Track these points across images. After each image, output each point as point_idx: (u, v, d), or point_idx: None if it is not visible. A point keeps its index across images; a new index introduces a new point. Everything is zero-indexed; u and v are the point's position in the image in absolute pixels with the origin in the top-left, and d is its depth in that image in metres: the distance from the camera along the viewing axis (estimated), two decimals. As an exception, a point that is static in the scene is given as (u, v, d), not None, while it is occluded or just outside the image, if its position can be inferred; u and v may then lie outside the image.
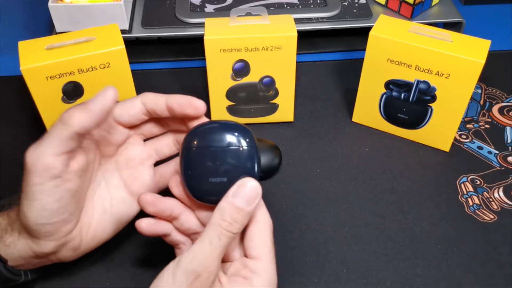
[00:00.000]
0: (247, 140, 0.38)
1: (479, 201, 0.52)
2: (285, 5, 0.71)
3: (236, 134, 0.38)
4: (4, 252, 0.39)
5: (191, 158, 0.38)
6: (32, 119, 0.59)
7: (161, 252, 0.48)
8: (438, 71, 0.51)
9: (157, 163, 0.45)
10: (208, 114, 0.60)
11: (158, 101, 0.40)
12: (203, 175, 0.38)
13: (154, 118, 0.43)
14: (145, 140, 0.45)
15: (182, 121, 0.42)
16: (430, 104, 0.54)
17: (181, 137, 0.43)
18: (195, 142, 0.38)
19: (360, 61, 0.55)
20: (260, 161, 0.39)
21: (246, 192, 0.36)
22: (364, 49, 0.54)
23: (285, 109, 0.59)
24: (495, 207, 0.52)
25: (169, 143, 0.45)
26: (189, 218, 0.41)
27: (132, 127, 0.43)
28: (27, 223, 0.38)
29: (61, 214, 0.38)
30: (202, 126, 0.39)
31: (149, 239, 0.46)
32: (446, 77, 0.51)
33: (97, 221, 0.42)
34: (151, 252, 0.48)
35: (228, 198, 0.36)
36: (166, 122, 0.44)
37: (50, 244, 0.39)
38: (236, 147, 0.38)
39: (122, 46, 0.51)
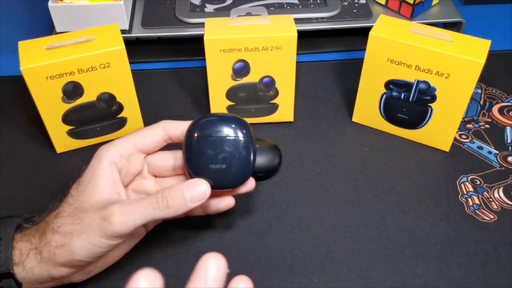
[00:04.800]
0: (244, 131, 0.42)
1: (479, 201, 0.52)
2: (285, 5, 0.71)
3: (233, 125, 0.42)
4: (20, 276, 0.39)
5: (193, 147, 0.41)
6: (32, 119, 0.59)
7: (161, 252, 0.48)
8: (438, 71, 0.51)
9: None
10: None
11: (181, 127, 0.43)
12: (204, 162, 0.41)
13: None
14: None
15: None
16: (430, 104, 0.54)
17: None
18: (196, 133, 0.41)
19: (360, 61, 0.55)
20: (256, 150, 0.42)
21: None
22: (364, 49, 0.54)
23: (285, 109, 0.59)
24: (495, 207, 0.52)
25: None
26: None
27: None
28: (67, 257, 0.38)
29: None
30: (203, 118, 0.42)
31: (149, 240, 0.46)
32: (446, 77, 0.51)
33: (114, 250, 0.43)
34: (151, 252, 0.48)
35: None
36: None
37: (70, 270, 0.39)
38: (234, 137, 0.41)
39: (122, 46, 0.51)
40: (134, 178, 0.45)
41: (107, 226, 0.37)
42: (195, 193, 0.39)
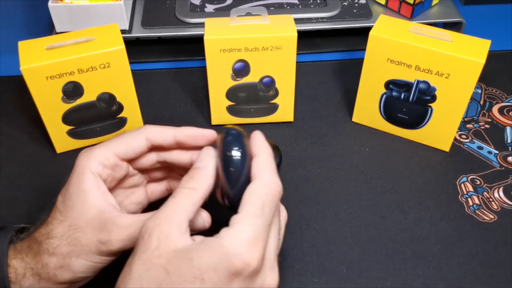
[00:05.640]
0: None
1: (479, 201, 0.52)
2: (285, 5, 0.71)
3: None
4: None
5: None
6: (32, 119, 0.59)
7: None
8: (438, 71, 0.51)
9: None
10: (208, 114, 0.60)
11: (164, 135, 0.41)
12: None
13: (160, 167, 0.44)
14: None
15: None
16: (430, 104, 0.54)
17: (175, 184, 0.45)
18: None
19: (360, 61, 0.55)
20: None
21: (201, 153, 0.38)
22: (364, 49, 0.53)
23: (285, 109, 0.59)
24: (495, 207, 0.52)
25: (162, 190, 0.46)
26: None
27: (142, 171, 0.44)
28: (68, 277, 0.37)
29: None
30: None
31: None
32: (446, 77, 0.51)
33: None
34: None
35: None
36: (171, 168, 0.44)
37: (71, 285, 0.39)
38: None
39: (122, 46, 0.51)
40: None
41: (106, 248, 0.37)
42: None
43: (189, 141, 0.41)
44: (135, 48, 0.70)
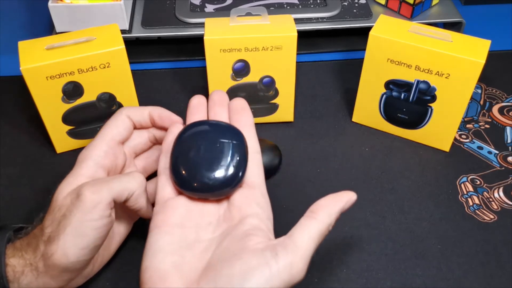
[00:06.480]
0: None
1: (479, 201, 0.52)
2: (285, 5, 0.71)
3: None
4: None
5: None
6: (32, 119, 0.59)
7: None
8: (438, 71, 0.51)
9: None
10: (208, 114, 0.60)
11: (141, 111, 0.45)
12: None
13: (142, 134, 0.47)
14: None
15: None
16: (430, 104, 0.54)
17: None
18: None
19: (360, 61, 0.55)
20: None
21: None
22: (364, 49, 0.54)
23: (285, 109, 0.59)
24: (495, 207, 0.52)
25: (156, 159, 0.47)
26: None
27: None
28: (63, 261, 0.37)
29: (98, 250, 0.39)
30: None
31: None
32: (446, 77, 0.51)
33: (104, 246, 0.42)
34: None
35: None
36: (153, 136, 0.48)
37: (68, 277, 0.39)
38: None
39: (122, 46, 0.51)
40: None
41: (81, 203, 0.37)
42: None
43: (159, 121, 0.45)
44: (135, 48, 0.70)
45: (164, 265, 0.34)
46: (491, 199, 0.52)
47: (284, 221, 0.50)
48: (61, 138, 0.55)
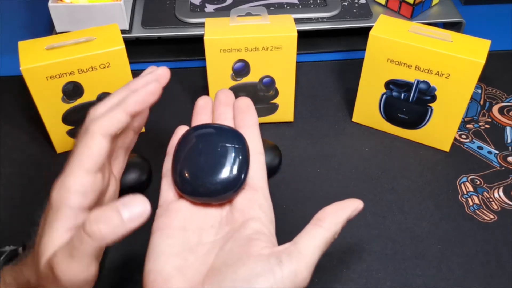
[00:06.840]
0: None
1: (479, 201, 0.52)
2: (285, 5, 0.71)
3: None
4: None
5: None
6: (32, 119, 0.59)
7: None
8: (438, 71, 0.51)
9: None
10: (208, 114, 0.60)
11: (118, 119, 0.35)
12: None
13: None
14: None
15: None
16: (430, 104, 0.54)
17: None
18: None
19: (360, 61, 0.55)
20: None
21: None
22: (364, 49, 0.54)
23: (285, 109, 0.59)
24: (495, 207, 0.52)
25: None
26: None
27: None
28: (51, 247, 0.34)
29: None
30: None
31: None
32: (446, 77, 0.51)
33: None
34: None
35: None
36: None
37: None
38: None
39: (122, 46, 0.51)
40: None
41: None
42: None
43: (141, 109, 0.37)
44: (135, 48, 0.70)
45: (168, 268, 0.34)
46: (491, 199, 0.52)
47: (284, 221, 0.50)
48: (61, 138, 0.55)
